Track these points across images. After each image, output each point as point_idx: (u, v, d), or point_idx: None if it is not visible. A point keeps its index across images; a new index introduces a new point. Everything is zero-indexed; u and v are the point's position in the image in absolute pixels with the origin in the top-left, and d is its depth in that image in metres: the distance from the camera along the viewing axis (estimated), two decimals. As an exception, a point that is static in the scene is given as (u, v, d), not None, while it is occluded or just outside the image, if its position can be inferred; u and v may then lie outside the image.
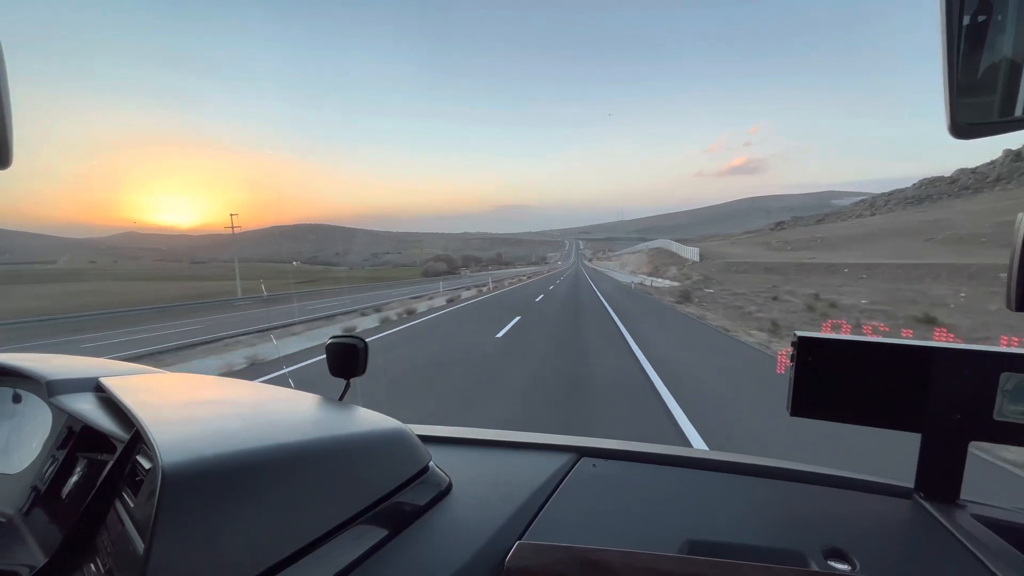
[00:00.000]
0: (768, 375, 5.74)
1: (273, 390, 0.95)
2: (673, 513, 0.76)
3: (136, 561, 0.47)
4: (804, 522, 0.75)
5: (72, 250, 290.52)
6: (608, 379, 5.58)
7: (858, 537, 0.69)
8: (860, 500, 0.82)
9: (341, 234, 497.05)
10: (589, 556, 0.63)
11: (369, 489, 0.66)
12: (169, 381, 1.00)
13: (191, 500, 0.48)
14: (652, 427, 3.90)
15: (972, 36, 0.46)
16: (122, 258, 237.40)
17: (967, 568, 0.62)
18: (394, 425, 0.78)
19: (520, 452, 0.99)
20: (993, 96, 0.46)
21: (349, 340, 1.02)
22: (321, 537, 0.56)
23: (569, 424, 4.01)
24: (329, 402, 0.88)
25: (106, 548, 0.61)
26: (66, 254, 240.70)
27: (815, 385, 0.81)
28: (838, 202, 61.44)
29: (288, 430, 0.66)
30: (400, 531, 0.65)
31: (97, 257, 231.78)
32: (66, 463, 0.82)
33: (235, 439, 0.58)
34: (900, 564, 0.65)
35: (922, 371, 0.75)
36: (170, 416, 0.69)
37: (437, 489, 0.76)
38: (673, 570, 0.61)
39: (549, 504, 0.78)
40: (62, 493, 0.78)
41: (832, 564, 0.64)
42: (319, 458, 0.62)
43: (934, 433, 0.76)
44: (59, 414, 0.90)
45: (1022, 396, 0.70)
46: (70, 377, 0.95)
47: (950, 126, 0.49)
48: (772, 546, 0.67)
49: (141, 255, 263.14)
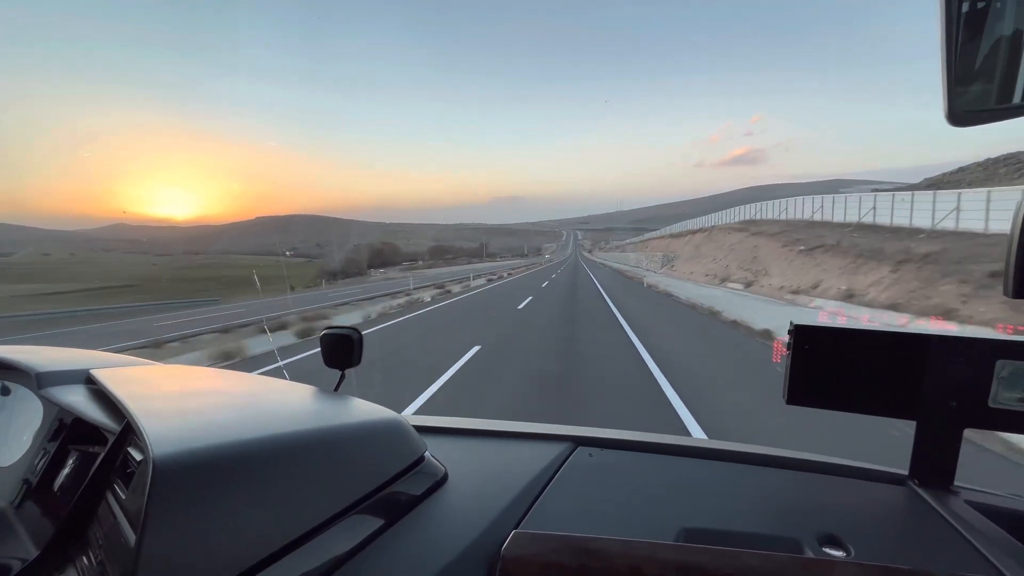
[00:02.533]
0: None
1: (267, 381, 0.96)
2: (669, 501, 0.78)
3: (128, 553, 0.48)
4: (799, 509, 0.77)
5: (45, 242, 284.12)
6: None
7: (853, 524, 0.71)
8: (855, 487, 0.84)
9: (333, 225, 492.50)
10: (585, 545, 0.64)
11: (364, 479, 0.67)
12: (161, 373, 1.00)
13: (183, 491, 0.48)
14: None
15: (971, 22, 0.46)
16: (100, 251, 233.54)
17: (961, 553, 0.64)
18: (389, 416, 0.79)
19: (516, 442, 1.01)
20: (991, 83, 0.47)
21: (344, 331, 1.03)
22: (316, 527, 0.57)
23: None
24: (324, 393, 0.89)
25: (98, 540, 0.62)
26: (30, 247, 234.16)
27: (811, 373, 0.83)
28: (845, 191, 61.53)
29: (282, 421, 0.67)
30: (396, 521, 0.66)
31: (78, 250, 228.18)
32: (57, 455, 0.83)
33: (228, 430, 0.58)
34: (895, 550, 0.67)
35: (918, 359, 0.77)
36: (161, 408, 0.70)
37: (433, 479, 0.77)
38: (669, 558, 0.63)
39: (545, 493, 0.79)
40: (53, 485, 0.79)
41: (827, 550, 0.65)
42: (313, 449, 0.63)
43: (929, 420, 0.78)
44: (50, 406, 0.90)
45: (1017, 383, 0.72)
46: (60, 369, 0.96)
47: (948, 113, 0.49)
48: (768, 533, 0.69)
49: (120, 247, 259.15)
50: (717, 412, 4.55)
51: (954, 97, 0.49)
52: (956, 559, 0.63)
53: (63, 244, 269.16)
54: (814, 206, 26.85)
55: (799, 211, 28.54)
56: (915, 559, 0.64)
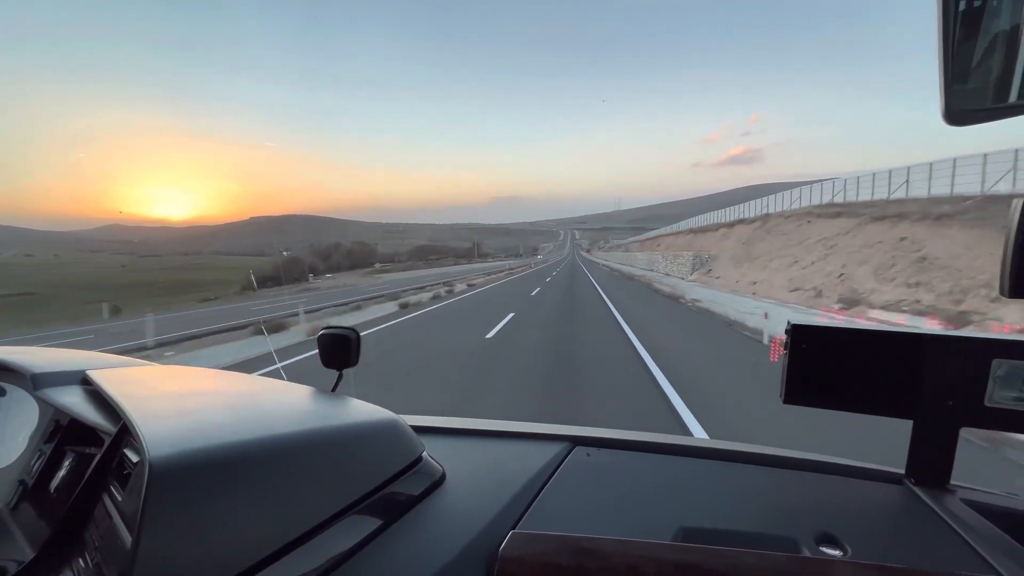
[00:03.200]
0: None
1: (264, 382, 0.96)
2: (667, 501, 0.79)
3: (124, 555, 0.48)
4: (796, 508, 0.77)
5: (39, 243, 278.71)
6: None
7: (850, 523, 0.72)
8: (851, 486, 0.84)
9: (330, 225, 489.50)
10: (583, 545, 0.65)
11: (362, 480, 0.67)
12: (157, 373, 1.00)
13: (179, 493, 0.48)
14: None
15: (968, 21, 0.46)
16: (88, 252, 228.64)
17: (957, 552, 0.64)
18: (387, 416, 0.79)
19: (514, 442, 1.01)
20: (987, 82, 0.47)
21: (341, 331, 1.03)
22: (314, 528, 0.57)
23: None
24: (321, 393, 0.89)
25: (94, 542, 0.62)
26: (17, 248, 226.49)
27: (809, 373, 0.83)
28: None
29: (279, 422, 0.67)
30: (393, 522, 0.66)
31: (67, 251, 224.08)
32: (53, 457, 0.82)
33: (225, 431, 0.58)
34: (891, 549, 0.67)
35: (915, 358, 0.77)
36: (158, 409, 0.70)
37: (430, 479, 0.77)
38: (667, 557, 0.63)
39: (543, 494, 0.80)
40: (50, 487, 0.78)
41: (824, 550, 0.66)
42: (311, 449, 0.63)
43: (926, 419, 0.78)
44: (46, 407, 0.90)
45: (1013, 382, 0.72)
46: (56, 370, 0.95)
47: (944, 112, 0.49)
48: (765, 532, 0.70)
49: (112, 248, 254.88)
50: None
51: (951, 96, 0.49)
52: (952, 558, 0.63)
53: (56, 245, 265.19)
54: (835, 189, 25.42)
55: (812, 200, 27.02)
56: (912, 558, 0.65)
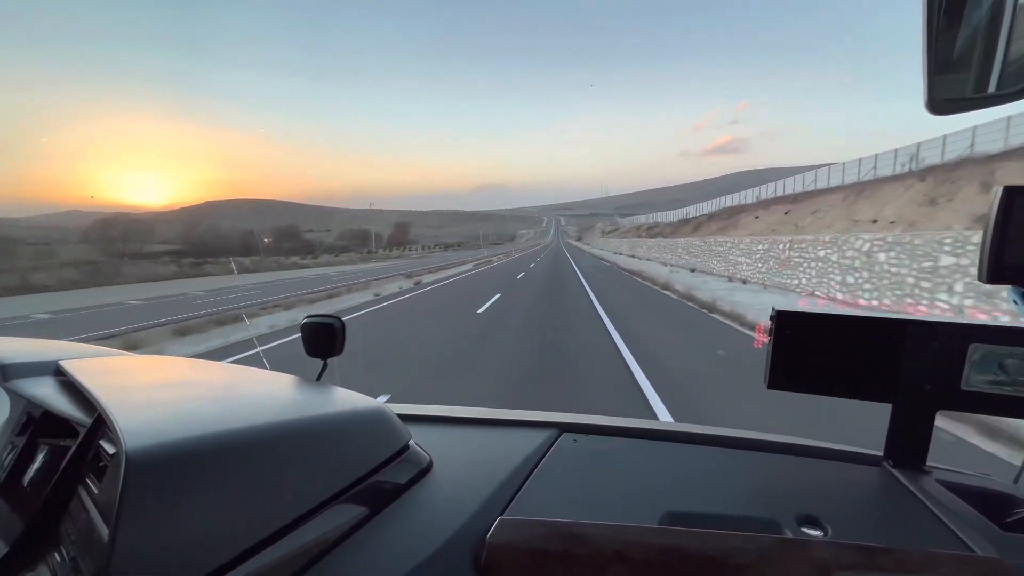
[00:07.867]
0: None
1: (246, 371, 0.95)
2: (653, 486, 0.81)
3: (102, 548, 0.48)
4: (779, 491, 0.81)
5: None
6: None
7: (830, 504, 0.75)
8: (832, 468, 0.88)
9: (313, 212, 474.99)
10: (571, 530, 0.67)
11: (348, 469, 0.68)
12: (134, 364, 0.99)
13: (157, 485, 0.48)
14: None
15: (950, 12, 0.47)
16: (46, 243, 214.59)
17: (933, 530, 0.68)
18: (373, 404, 0.80)
19: (501, 429, 1.03)
20: (968, 72, 0.48)
21: (326, 319, 1.03)
22: (298, 518, 0.57)
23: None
24: (305, 382, 0.89)
25: (70, 536, 0.61)
26: None
27: (792, 359, 0.86)
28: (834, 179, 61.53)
29: (262, 411, 0.67)
30: (380, 510, 0.67)
31: (14, 237, 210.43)
32: (26, 450, 0.81)
33: (205, 421, 0.58)
34: (870, 528, 0.71)
35: (895, 343, 0.81)
36: (135, 399, 0.69)
37: (417, 468, 0.78)
38: (653, 541, 0.65)
39: (530, 480, 0.82)
40: (23, 481, 0.77)
41: (806, 531, 0.69)
42: (295, 439, 0.63)
43: (904, 403, 0.82)
44: (17, 399, 0.88)
45: (988, 367, 0.76)
46: (27, 360, 0.94)
47: (927, 102, 0.51)
48: (748, 515, 0.73)
49: (69, 235, 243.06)
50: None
51: (934, 86, 0.50)
52: (929, 536, 0.67)
53: (12, 231, 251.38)
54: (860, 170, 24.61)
55: (808, 187, 27.10)
56: (890, 537, 0.68)
